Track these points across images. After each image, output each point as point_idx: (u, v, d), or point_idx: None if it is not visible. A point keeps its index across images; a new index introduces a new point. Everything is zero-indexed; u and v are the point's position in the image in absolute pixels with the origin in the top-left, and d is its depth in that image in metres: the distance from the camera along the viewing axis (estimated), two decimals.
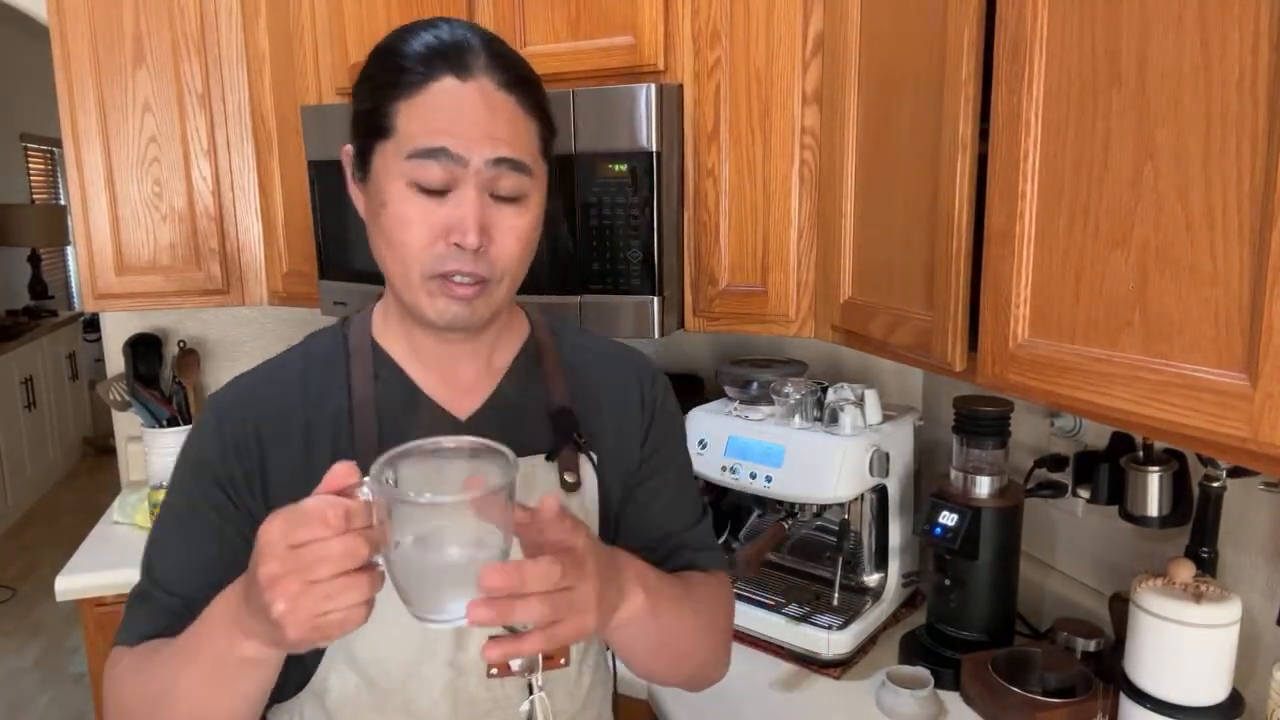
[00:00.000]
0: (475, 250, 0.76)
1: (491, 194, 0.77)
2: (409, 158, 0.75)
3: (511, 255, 0.79)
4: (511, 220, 0.78)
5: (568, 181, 1.44)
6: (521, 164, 0.77)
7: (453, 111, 0.75)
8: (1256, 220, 0.66)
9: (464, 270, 0.77)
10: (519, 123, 0.77)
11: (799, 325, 1.44)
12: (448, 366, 0.87)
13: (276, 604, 0.58)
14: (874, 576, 1.49)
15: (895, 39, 1.14)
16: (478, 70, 0.76)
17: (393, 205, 0.76)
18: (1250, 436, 0.67)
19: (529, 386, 0.90)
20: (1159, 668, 1.06)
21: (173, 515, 0.84)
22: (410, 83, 0.75)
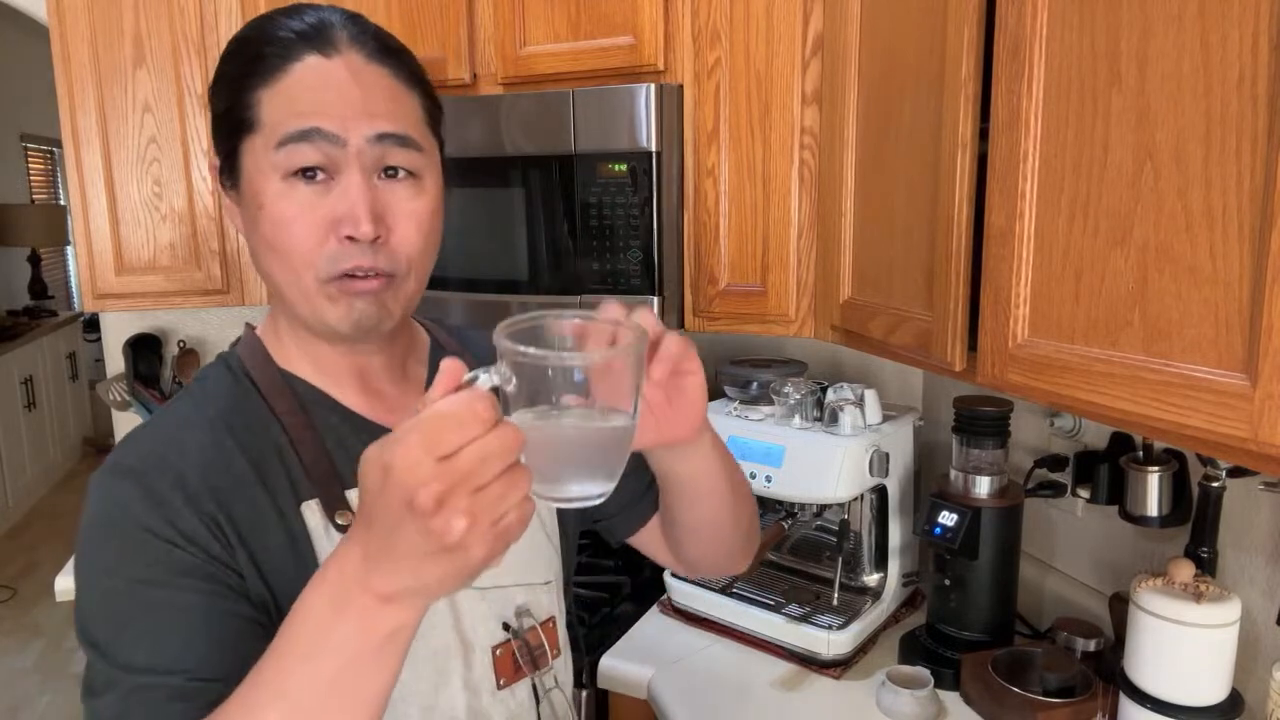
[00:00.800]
0: (373, 241, 0.68)
1: (380, 176, 0.70)
2: (279, 146, 0.67)
3: (413, 244, 0.71)
4: (408, 204, 0.71)
5: (568, 181, 1.45)
6: (408, 138, 0.70)
7: (321, 90, 0.68)
8: (1256, 220, 0.66)
9: (363, 265, 0.69)
10: (398, 96, 0.71)
11: (799, 325, 1.44)
12: (364, 382, 0.79)
13: (455, 523, 0.48)
14: (874, 576, 1.49)
15: (895, 39, 1.15)
16: (342, 45, 0.69)
17: (270, 205, 0.68)
18: (1250, 436, 0.67)
19: None
20: (1159, 668, 1.06)
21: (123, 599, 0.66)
22: (270, 68, 0.68)
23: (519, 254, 1.52)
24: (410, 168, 0.71)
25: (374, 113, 0.69)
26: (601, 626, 1.47)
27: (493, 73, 1.56)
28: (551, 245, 1.48)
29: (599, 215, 1.44)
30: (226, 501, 0.70)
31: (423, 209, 0.72)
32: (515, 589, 0.80)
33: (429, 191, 0.73)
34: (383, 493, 0.50)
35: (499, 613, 0.79)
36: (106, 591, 0.66)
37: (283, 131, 0.67)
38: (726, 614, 1.44)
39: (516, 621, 0.80)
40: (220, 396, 0.76)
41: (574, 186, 1.44)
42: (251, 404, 0.75)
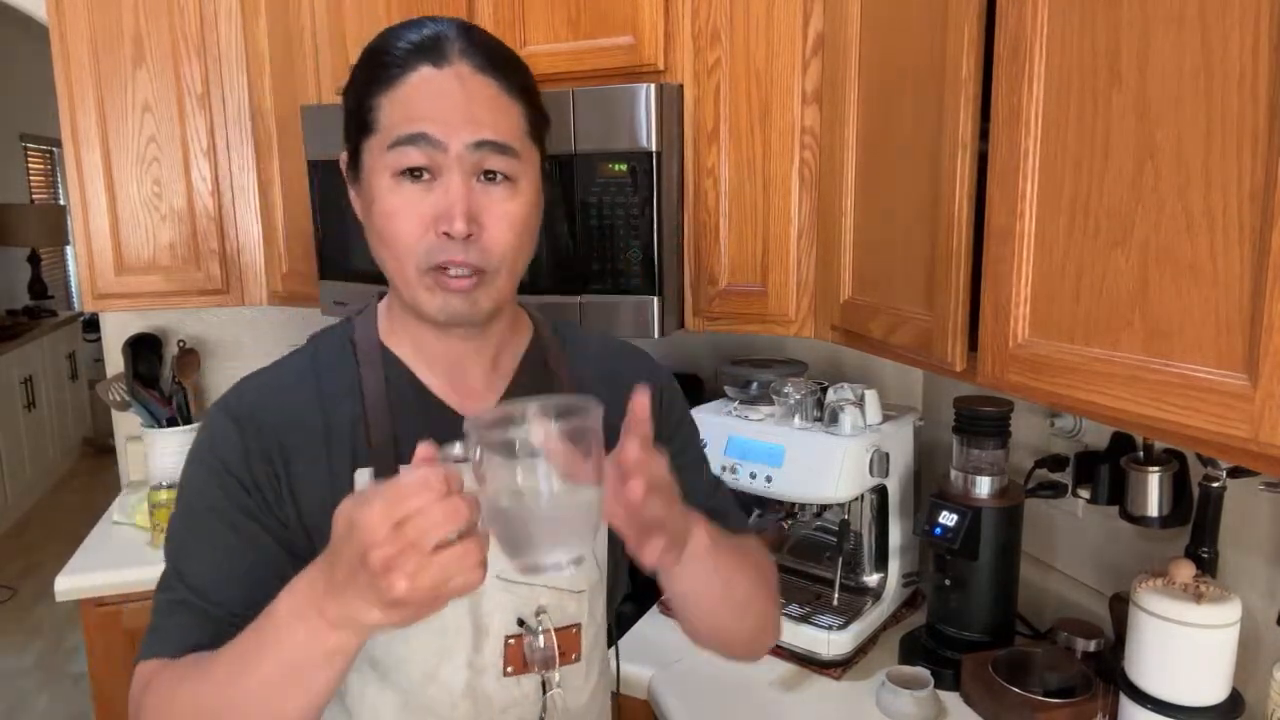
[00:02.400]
0: (466, 238, 0.74)
1: (479, 179, 0.76)
2: (391, 148, 0.74)
3: (505, 242, 0.77)
4: (502, 205, 0.77)
5: (568, 181, 1.44)
6: (506, 146, 0.76)
7: (431, 98, 0.74)
8: (1257, 220, 0.66)
9: (456, 260, 0.75)
10: (500, 105, 0.76)
11: (799, 325, 1.43)
12: (455, 368, 0.85)
13: (398, 584, 0.57)
14: (874, 577, 1.49)
15: (895, 38, 1.14)
16: (453, 56, 0.75)
17: (380, 199, 0.76)
18: (1250, 436, 0.67)
19: (538, 388, 0.87)
20: (1159, 668, 1.06)
21: (197, 519, 0.80)
22: (390, 76, 0.75)
23: None
24: (507, 172, 0.76)
25: (476, 120, 0.75)
26: None
27: None
28: (552, 245, 1.48)
29: (599, 215, 1.44)
30: (292, 457, 0.79)
31: (516, 210, 0.77)
32: (542, 589, 0.84)
33: (524, 194, 0.78)
34: (346, 543, 0.59)
35: (518, 607, 0.83)
36: (185, 509, 0.81)
37: (394, 134, 0.74)
38: None
39: (534, 620, 0.84)
40: (324, 358, 0.85)
41: (574, 186, 1.44)
42: (346, 372, 0.84)
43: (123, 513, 1.98)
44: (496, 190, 0.77)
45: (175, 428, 2.05)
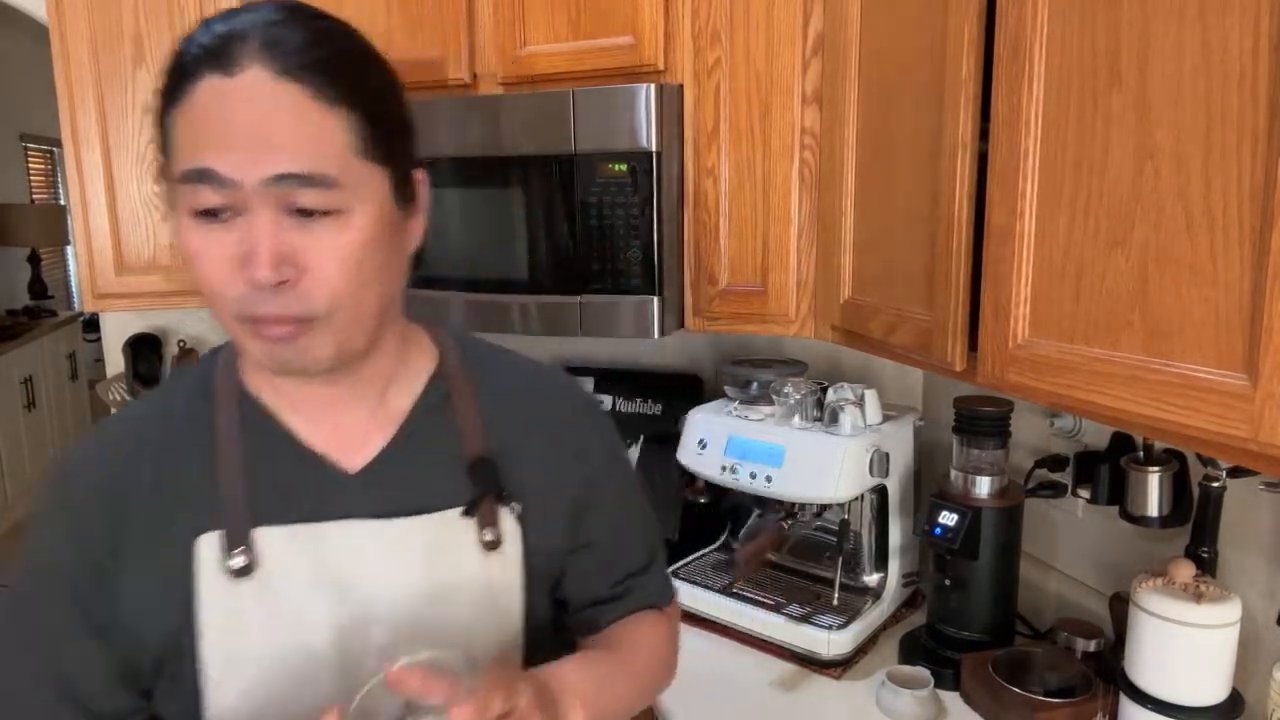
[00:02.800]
0: (281, 284, 0.61)
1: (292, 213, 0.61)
2: (182, 182, 0.61)
3: (333, 285, 0.63)
4: (327, 241, 0.62)
5: (568, 181, 1.44)
6: (316, 177, 0.61)
7: (217, 121, 0.59)
8: (1257, 220, 0.66)
9: (268, 314, 0.62)
10: (309, 121, 0.60)
11: (799, 325, 1.43)
12: (328, 413, 0.73)
13: None
14: (874, 576, 1.49)
15: (895, 39, 1.14)
16: (245, 59, 0.59)
17: (182, 236, 0.63)
18: (1250, 436, 0.67)
19: (438, 430, 0.76)
20: (1159, 668, 1.06)
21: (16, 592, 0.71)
22: (177, 89, 0.61)
23: (519, 254, 1.52)
24: (325, 207, 0.62)
25: (274, 145, 0.60)
26: None
27: (493, 73, 1.56)
28: (551, 245, 1.48)
29: (599, 215, 1.44)
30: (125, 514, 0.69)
31: (346, 244, 0.63)
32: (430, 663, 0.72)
33: (358, 225, 0.63)
34: None
35: None
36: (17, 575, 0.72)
37: (181, 168, 0.61)
38: (726, 614, 1.44)
39: None
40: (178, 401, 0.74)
41: (574, 186, 1.44)
42: (197, 415, 0.72)
43: None
44: (317, 227, 0.62)
45: None
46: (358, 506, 0.71)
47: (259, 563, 0.68)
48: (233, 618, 0.67)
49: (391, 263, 0.68)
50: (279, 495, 0.68)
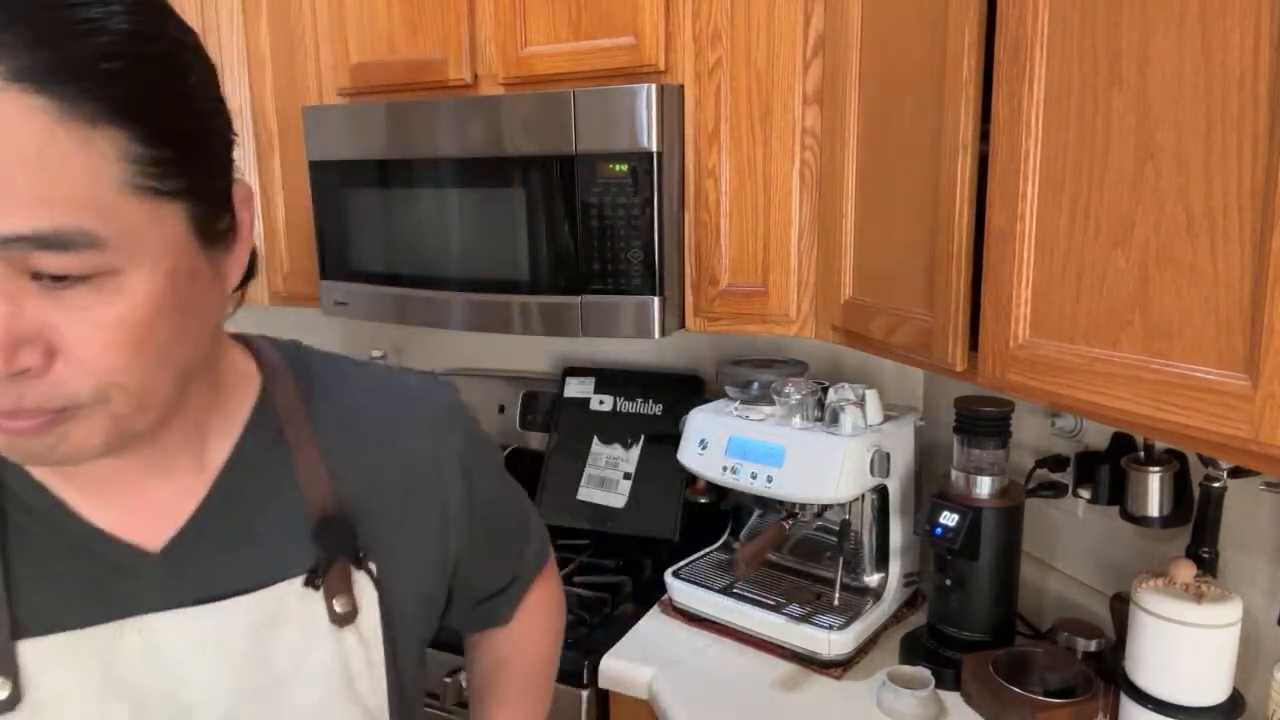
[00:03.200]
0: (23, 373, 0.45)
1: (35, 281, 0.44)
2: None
3: (100, 372, 0.46)
4: (89, 315, 0.45)
5: (568, 181, 1.45)
6: (59, 237, 0.43)
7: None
8: (1257, 220, 0.66)
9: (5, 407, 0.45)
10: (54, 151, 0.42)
11: (799, 325, 1.44)
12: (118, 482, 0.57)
13: None
14: (875, 577, 1.49)
15: (896, 39, 1.15)
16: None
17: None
18: (1251, 437, 0.67)
19: (267, 481, 0.61)
20: (1159, 668, 1.06)
21: None
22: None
23: (519, 254, 1.52)
24: (79, 273, 0.44)
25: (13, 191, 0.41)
26: (602, 626, 1.47)
27: (493, 73, 1.56)
28: (552, 245, 1.48)
29: (600, 215, 1.44)
30: None
31: (117, 320, 0.46)
32: None
33: (133, 290, 0.46)
34: None
35: None
36: None
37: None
38: (727, 614, 1.44)
39: None
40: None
41: (575, 186, 1.44)
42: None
43: None
44: (70, 296, 0.45)
45: None
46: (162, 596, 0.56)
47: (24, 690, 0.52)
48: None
49: (192, 324, 0.51)
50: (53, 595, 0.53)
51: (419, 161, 1.57)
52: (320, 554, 0.60)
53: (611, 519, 1.79)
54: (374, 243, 1.63)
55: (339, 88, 1.70)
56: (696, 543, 1.65)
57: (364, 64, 1.66)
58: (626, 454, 1.84)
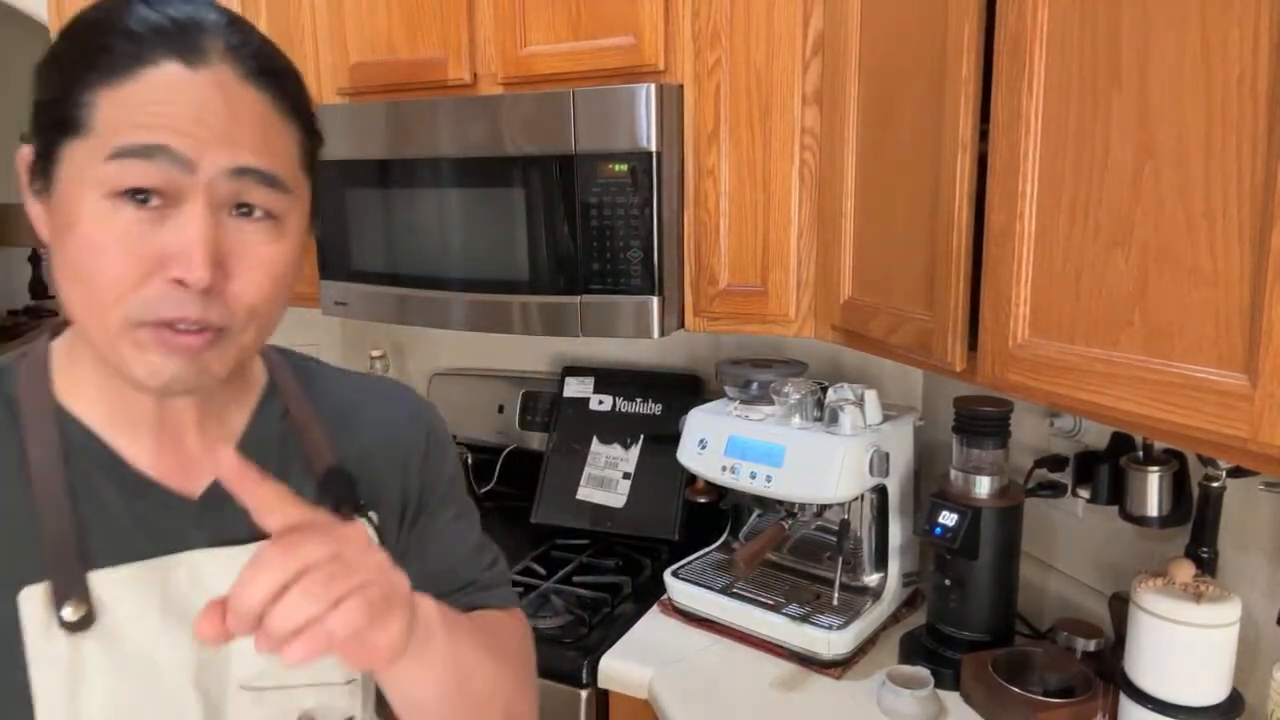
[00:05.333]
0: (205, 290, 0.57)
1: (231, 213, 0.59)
2: (111, 158, 0.55)
3: (259, 296, 0.60)
4: (261, 250, 0.60)
5: (568, 181, 1.44)
6: (276, 178, 0.59)
7: (178, 104, 0.56)
8: (1257, 220, 0.66)
9: (189, 317, 0.57)
10: (273, 127, 0.60)
11: (799, 325, 1.44)
12: (164, 432, 0.66)
13: None
14: (874, 576, 1.49)
15: (895, 39, 1.15)
16: (213, 56, 0.57)
17: (84, 225, 0.56)
18: (1250, 437, 0.67)
19: (279, 445, 0.72)
20: (1159, 668, 1.06)
21: None
22: (119, 65, 0.56)
23: (519, 254, 1.52)
24: (272, 209, 0.60)
25: (239, 141, 0.57)
26: (601, 626, 1.47)
27: (493, 73, 1.56)
28: (552, 245, 1.48)
29: (599, 215, 1.44)
30: None
31: (278, 256, 0.61)
32: (305, 690, 0.68)
33: (290, 237, 0.62)
34: None
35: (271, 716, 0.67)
36: None
37: (118, 142, 0.55)
38: (726, 614, 1.44)
39: None
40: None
41: (574, 186, 1.44)
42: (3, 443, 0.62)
43: None
44: (253, 229, 0.59)
45: None
46: (203, 536, 0.65)
47: (99, 612, 0.60)
48: (73, 677, 0.59)
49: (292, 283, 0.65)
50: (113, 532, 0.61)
51: (418, 161, 1.57)
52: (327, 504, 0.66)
53: (611, 519, 1.79)
54: (373, 242, 1.63)
55: (338, 87, 1.70)
56: (696, 543, 1.65)
57: (363, 64, 1.66)
58: (626, 454, 1.84)
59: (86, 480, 0.63)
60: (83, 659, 0.59)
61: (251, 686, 0.66)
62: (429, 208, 1.58)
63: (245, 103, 0.58)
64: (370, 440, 0.78)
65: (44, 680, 0.59)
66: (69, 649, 0.59)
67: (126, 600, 0.61)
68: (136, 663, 0.61)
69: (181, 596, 0.63)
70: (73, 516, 0.61)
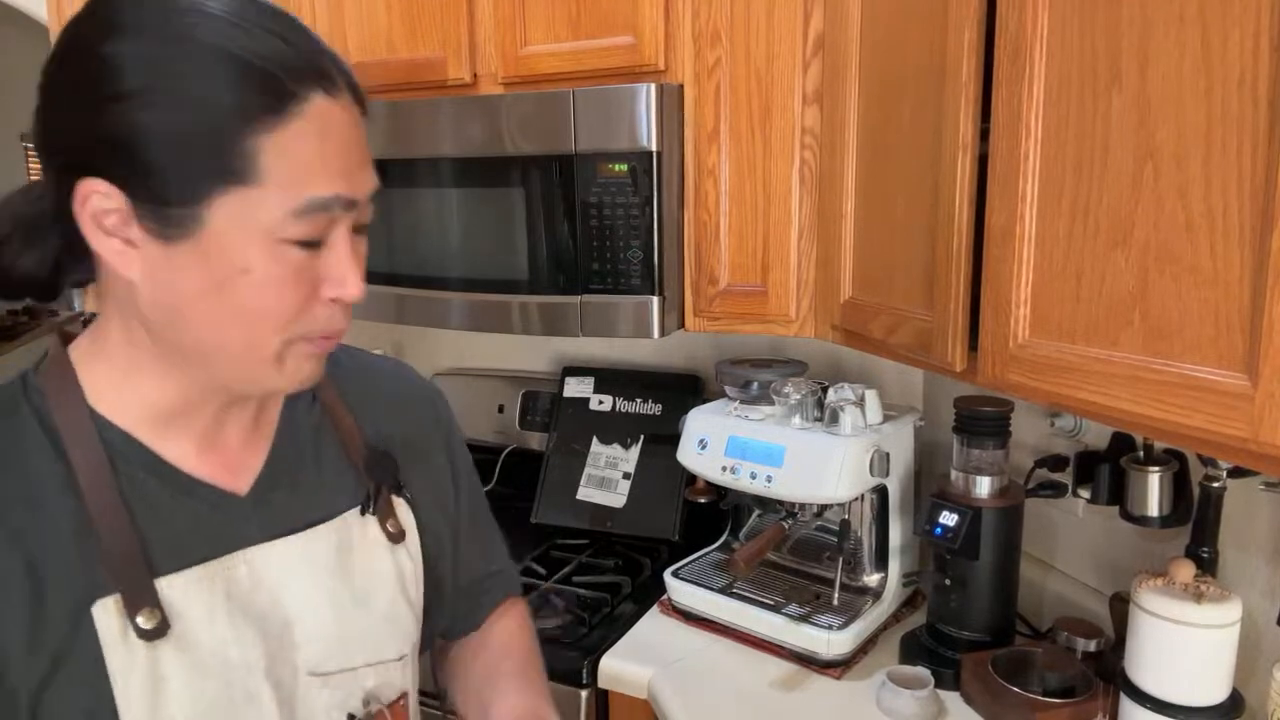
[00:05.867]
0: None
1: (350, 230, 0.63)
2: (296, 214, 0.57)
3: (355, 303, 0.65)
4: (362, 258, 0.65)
5: (568, 181, 1.44)
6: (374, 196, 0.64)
7: (338, 143, 0.58)
8: (1257, 220, 0.66)
9: (343, 329, 0.64)
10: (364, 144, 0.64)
11: (799, 325, 1.44)
12: (208, 432, 0.67)
13: None
14: (874, 576, 1.49)
15: (896, 39, 1.15)
16: (340, 80, 0.60)
17: (260, 269, 0.57)
18: (1250, 437, 0.67)
19: (314, 434, 0.74)
20: (1159, 668, 1.06)
21: None
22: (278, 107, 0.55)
23: (519, 254, 1.52)
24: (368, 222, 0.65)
25: (369, 166, 0.62)
26: (601, 626, 1.47)
27: (493, 72, 1.56)
28: (552, 245, 1.48)
29: (599, 215, 1.44)
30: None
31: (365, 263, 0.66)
32: (366, 670, 0.72)
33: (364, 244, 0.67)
34: None
35: (343, 701, 0.70)
36: None
37: (305, 197, 0.57)
38: (726, 614, 1.44)
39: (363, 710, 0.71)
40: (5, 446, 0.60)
41: (574, 186, 1.44)
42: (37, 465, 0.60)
43: None
44: (358, 241, 0.64)
45: None
46: (256, 531, 0.67)
47: (171, 618, 0.61)
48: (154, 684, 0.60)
49: None
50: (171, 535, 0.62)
51: (418, 161, 1.57)
52: (370, 485, 0.74)
53: (611, 519, 1.79)
54: (373, 242, 1.61)
55: None
56: (696, 543, 1.65)
57: (363, 63, 1.66)
58: (626, 454, 1.84)
59: (136, 486, 0.62)
60: (161, 665, 0.60)
61: (319, 672, 0.68)
62: (429, 207, 1.58)
63: (360, 124, 0.61)
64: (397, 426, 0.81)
65: (126, 690, 0.59)
66: (147, 657, 0.60)
67: (195, 603, 0.62)
68: (212, 663, 0.62)
69: (244, 593, 0.65)
70: (130, 524, 0.61)
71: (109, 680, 0.58)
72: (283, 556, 0.67)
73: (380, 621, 0.73)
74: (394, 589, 0.75)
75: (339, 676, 0.70)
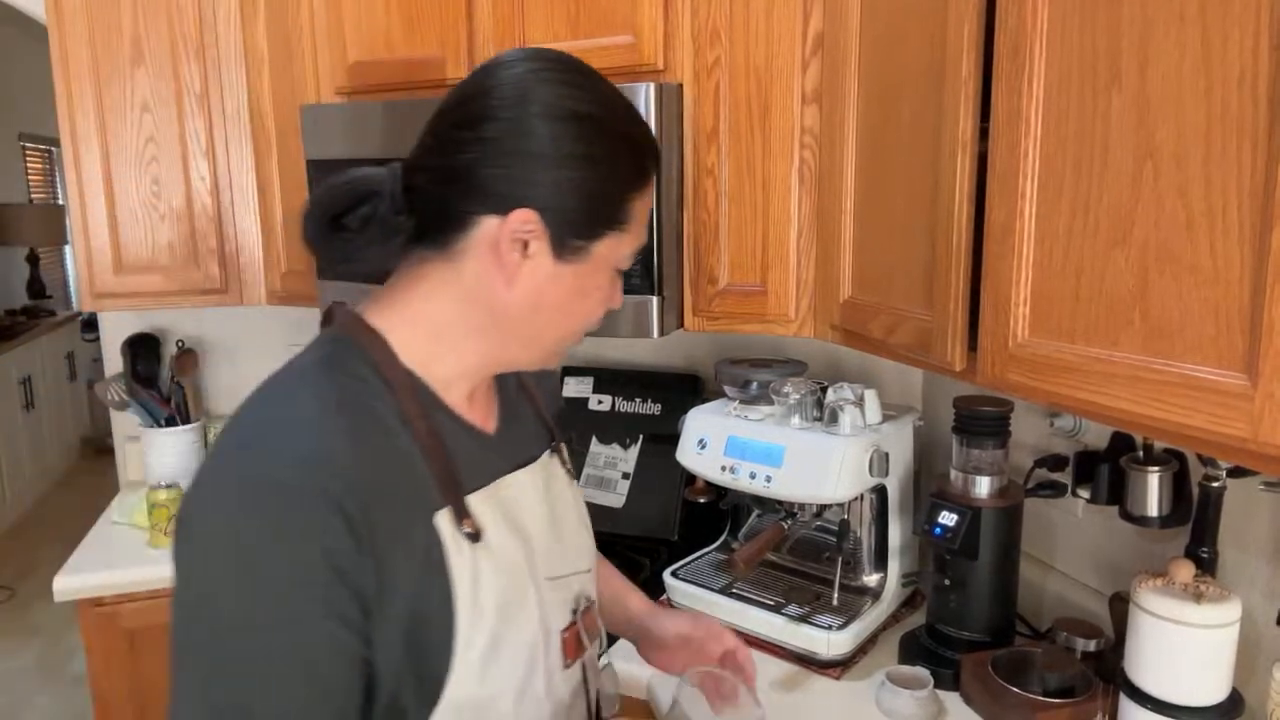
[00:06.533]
0: None
1: None
2: (634, 254, 0.80)
3: None
4: None
5: None
6: None
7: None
8: (1257, 220, 0.66)
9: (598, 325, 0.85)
10: None
11: (799, 325, 1.43)
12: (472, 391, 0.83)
13: None
14: (874, 576, 1.49)
15: (895, 38, 1.14)
16: None
17: (604, 289, 0.80)
18: (1250, 436, 0.67)
19: (517, 392, 0.92)
20: (1159, 668, 1.06)
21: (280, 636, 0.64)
22: (648, 177, 0.79)
23: None
24: None
25: None
26: None
27: None
28: None
29: None
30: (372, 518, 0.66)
31: None
32: (574, 577, 0.89)
33: None
34: None
35: (566, 598, 0.86)
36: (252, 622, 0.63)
37: (637, 244, 0.80)
38: (726, 614, 1.44)
39: (580, 607, 0.89)
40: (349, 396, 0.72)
41: None
42: (383, 406, 0.73)
43: (121, 513, 1.98)
44: None
45: (174, 428, 2.04)
46: (505, 463, 0.83)
47: (481, 526, 0.76)
48: (475, 579, 0.74)
49: None
50: (466, 465, 0.77)
51: None
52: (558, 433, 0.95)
53: (610, 519, 1.79)
54: None
55: (337, 87, 1.70)
56: (695, 543, 1.64)
57: (362, 63, 1.66)
58: (625, 454, 1.84)
59: (439, 425, 0.77)
60: (479, 564, 0.74)
61: (551, 576, 0.84)
62: None
63: None
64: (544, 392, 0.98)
65: (460, 583, 0.73)
66: (471, 557, 0.74)
67: (487, 515, 0.77)
68: (504, 562, 0.77)
69: (509, 511, 0.81)
70: (445, 454, 0.76)
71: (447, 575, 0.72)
72: (521, 484, 0.84)
73: (574, 538, 0.90)
74: (577, 513, 0.94)
75: (562, 581, 0.86)
